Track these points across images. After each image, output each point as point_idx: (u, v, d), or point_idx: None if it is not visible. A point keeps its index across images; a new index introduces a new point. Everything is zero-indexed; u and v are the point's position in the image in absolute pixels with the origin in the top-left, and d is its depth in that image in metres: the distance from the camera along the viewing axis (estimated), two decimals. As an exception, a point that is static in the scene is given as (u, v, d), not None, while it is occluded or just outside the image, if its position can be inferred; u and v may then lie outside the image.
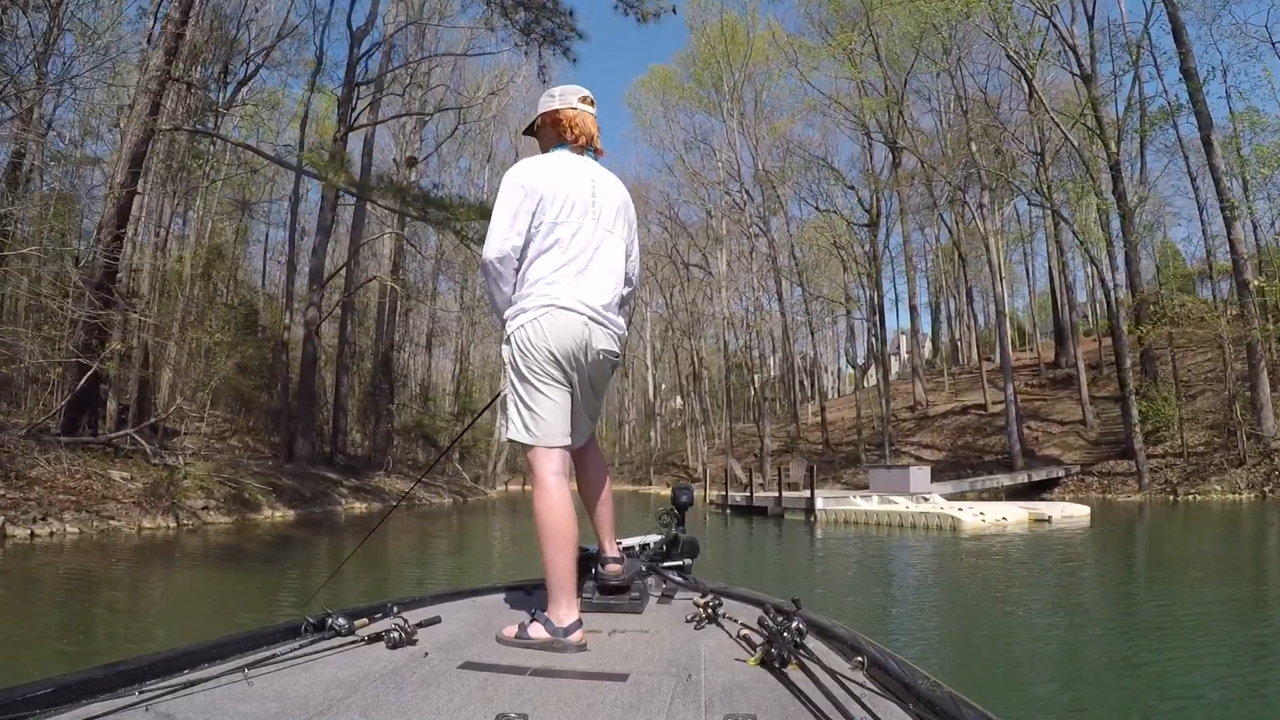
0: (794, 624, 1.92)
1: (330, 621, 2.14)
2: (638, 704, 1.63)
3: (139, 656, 1.82)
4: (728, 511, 26.91)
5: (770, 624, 1.96)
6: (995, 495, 27.21)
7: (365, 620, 2.27)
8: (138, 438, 17.04)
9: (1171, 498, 24.81)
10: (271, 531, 17.40)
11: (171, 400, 21.47)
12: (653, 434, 71.54)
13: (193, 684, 1.66)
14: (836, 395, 68.21)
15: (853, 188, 45.18)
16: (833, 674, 1.63)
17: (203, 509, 17.11)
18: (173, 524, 15.75)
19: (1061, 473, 29.94)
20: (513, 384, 2.50)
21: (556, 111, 2.74)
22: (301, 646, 1.98)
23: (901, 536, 16.27)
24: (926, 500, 21.12)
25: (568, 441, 2.52)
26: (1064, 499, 25.29)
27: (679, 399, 73.11)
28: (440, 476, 38.94)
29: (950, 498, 22.85)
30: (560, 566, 2.34)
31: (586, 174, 2.64)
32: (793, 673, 1.74)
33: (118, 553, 12.52)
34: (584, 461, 2.77)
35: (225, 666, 1.80)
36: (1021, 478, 28.81)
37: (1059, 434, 35.34)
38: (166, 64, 16.90)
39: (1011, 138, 35.69)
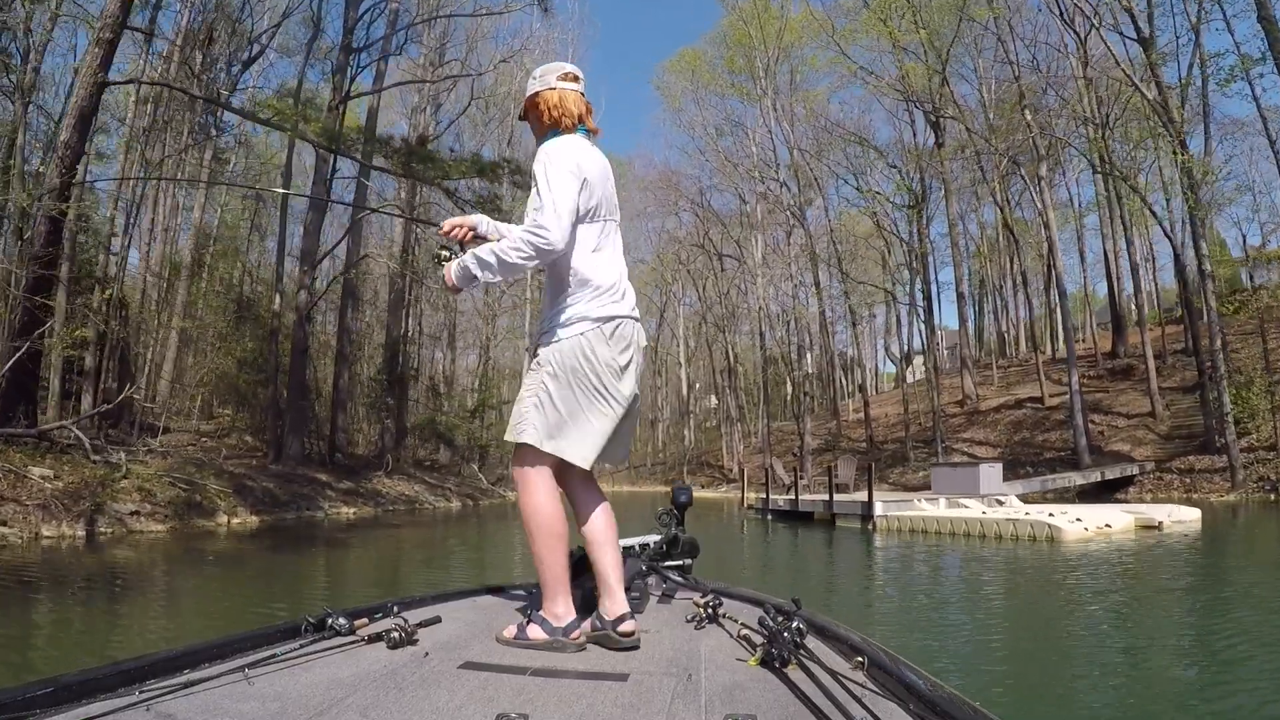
0: (794, 624, 1.92)
1: (330, 621, 2.13)
2: (638, 704, 1.64)
3: (140, 656, 1.79)
4: (769, 517, 23.87)
5: (770, 624, 1.96)
6: (1062, 495, 24.68)
7: (365, 620, 2.24)
8: (76, 431, 14.87)
9: (1272, 497, 21.98)
10: (212, 542, 15.00)
11: (150, 394, 19.42)
12: (686, 433, 69.41)
13: (193, 684, 1.64)
14: (874, 392, 65.65)
15: (895, 167, 42.53)
16: (833, 674, 1.63)
17: (132, 514, 14.83)
18: (82, 533, 13.44)
19: (1135, 470, 27.12)
20: (549, 388, 2.33)
21: (535, 95, 2.58)
22: (302, 646, 1.97)
23: (984, 549, 13.50)
24: (1001, 503, 18.46)
25: (589, 461, 2.38)
26: (1143, 499, 22.81)
27: (713, 398, 71.05)
28: (451, 478, 36.56)
29: (1021, 499, 20.18)
30: (553, 564, 2.27)
31: (603, 163, 2.50)
32: (793, 673, 1.75)
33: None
34: (586, 492, 2.49)
35: (226, 666, 1.79)
36: (1094, 475, 26.01)
37: (1126, 428, 32.57)
38: (122, 11, 14.81)
39: (1069, 107, 32.98)
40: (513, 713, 1.45)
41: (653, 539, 3.26)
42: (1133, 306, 48.47)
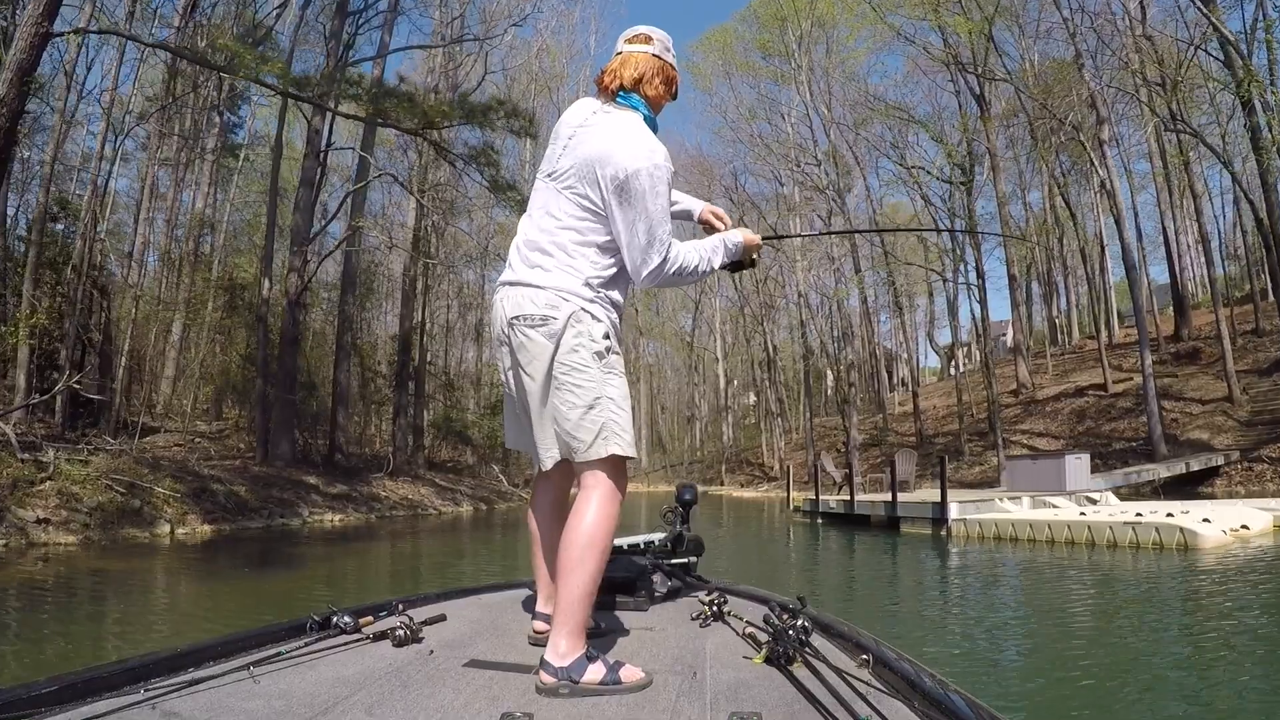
0: (799, 621, 1.91)
1: (335, 619, 2.12)
2: (643, 702, 1.63)
3: (144, 654, 1.77)
4: (819, 521, 21.42)
5: (775, 622, 1.94)
6: (1138, 490, 22.37)
7: (370, 618, 2.23)
8: (2, 425, 13.13)
9: (1384, 487, 19.55)
10: (126, 558, 12.59)
11: (146, 392, 17.74)
12: (725, 429, 67.30)
13: (198, 682, 1.63)
14: (917, 385, 63.56)
15: (939, 140, 40.07)
16: (838, 672, 1.61)
17: (39, 523, 12.90)
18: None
19: (1221, 460, 24.63)
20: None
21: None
22: (307, 644, 1.96)
23: (1094, 559, 11.16)
24: (1094, 501, 16.07)
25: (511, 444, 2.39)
26: (1234, 491, 20.95)
27: (752, 395, 69.39)
28: (468, 480, 34.42)
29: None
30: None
31: (565, 117, 2.24)
32: (798, 670, 1.74)
33: None
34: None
35: (230, 664, 1.78)
36: (1178, 467, 23.57)
37: (1201, 414, 30.08)
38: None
39: (1128, 68, 30.53)
40: (517, 711, 1.46)
41: (658, 536, 3.16)
42: (1196, 284, 46.23)
